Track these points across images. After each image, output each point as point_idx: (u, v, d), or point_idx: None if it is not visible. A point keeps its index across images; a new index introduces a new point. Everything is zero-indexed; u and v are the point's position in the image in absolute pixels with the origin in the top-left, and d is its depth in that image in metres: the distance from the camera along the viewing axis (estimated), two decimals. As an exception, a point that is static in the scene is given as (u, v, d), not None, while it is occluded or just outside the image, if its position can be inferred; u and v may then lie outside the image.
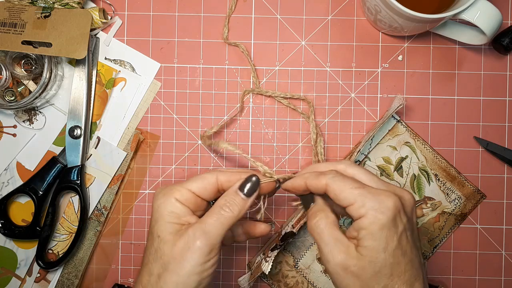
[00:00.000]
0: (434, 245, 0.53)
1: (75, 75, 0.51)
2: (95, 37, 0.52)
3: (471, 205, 0.53)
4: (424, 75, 0.53)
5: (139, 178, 0.53)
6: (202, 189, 0.42)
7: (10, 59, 0.51)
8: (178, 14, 0.53)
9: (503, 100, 0.53)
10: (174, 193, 0.41)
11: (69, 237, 0.52)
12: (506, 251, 0.53)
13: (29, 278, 0.52)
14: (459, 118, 0.53)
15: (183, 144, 0.53)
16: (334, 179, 0.39)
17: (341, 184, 0.38)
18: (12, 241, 0.52)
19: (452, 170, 0.53)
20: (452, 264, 0.53)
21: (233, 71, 0.53)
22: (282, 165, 0.53)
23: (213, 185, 0.42)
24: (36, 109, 0.53)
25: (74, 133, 0.51)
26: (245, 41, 0.53)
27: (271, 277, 0.53)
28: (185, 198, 0.41)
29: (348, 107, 0.53)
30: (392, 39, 0.53)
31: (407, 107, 0.53)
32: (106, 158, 0.52)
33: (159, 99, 0.53)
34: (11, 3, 0.50)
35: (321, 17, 0.53)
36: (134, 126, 0.53)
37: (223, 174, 0.42)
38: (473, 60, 0.53)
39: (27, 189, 0.51)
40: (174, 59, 0.53)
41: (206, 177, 0.42)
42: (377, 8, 0.47)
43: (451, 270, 0.53)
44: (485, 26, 0.45)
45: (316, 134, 0.52)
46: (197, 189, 0.41)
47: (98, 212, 0.52)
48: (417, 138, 0.53)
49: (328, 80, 0.53)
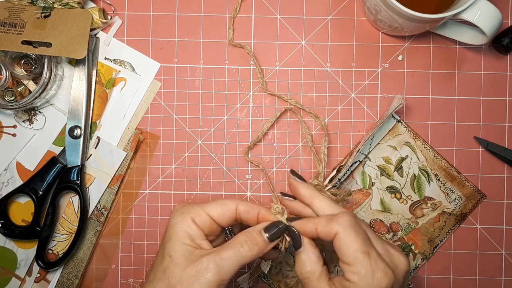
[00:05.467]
0: (434, 245, 0.53)
1: (75, 75, 0.51)
2: (95, 37, 0.52)
3: (471, 205, 0.53)
4: (424, 75, 0.53)
5: (139, 178, 0.53)
6: (221, 215, 0.41)
7: (10, 59, 0.51)
8: (178, 14, 0.53)
9: (503, 100, 0.53)
10: (192, 214, 0.41)
11: (69, 237, 0.52)
12: (506, 251, 0.53)
13: (29, 278, 0.52)
14: (459, 118, 0.53)
15: (183, 144, 0.53)
16: (346, 232, 0.38)
17: (351, 241, 0.38)
18: (12, 241, 0.52)
19: (452, 170, 0.53)
20: (452, 264, 0.53)
21: (233, 71, 0.53)
22: (282, 165, 0.53)
23: (232, 212, 0.42)
24: (36, 109, 0.53)
25: (74, 133, 0.51)
26: (245, 41, 0.53)
27: (271, 277, 0.53)
28: (202, 221, 0.41)
29: (348, 107, 0.53)
30: (392, 39, 0.53)
31: (407, 107, 0.53)
32: (106, 158, 0.52)
33: (159, 99, 0.53)
34: (11, 3, 0.50)
35: (321, 17, 0.53)
36: (134, 126, 0.53)
37: (243, 205, 0.42)
38: (473, 60, 0.53)
39: (27, 189, 0.51)
40: (174, 59, 0.53)
41: (226, 204, 0.42)
42: (377, 8, 0.47)
43: (451, 270, 0.53)
44: (485, 26, 0.45)
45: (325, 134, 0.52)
46: (216, 214, 0.41)
47: (98, 212, 0.52)
48: (417, 138, 0.53)
49: (328, 80, 0.53)
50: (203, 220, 0.41)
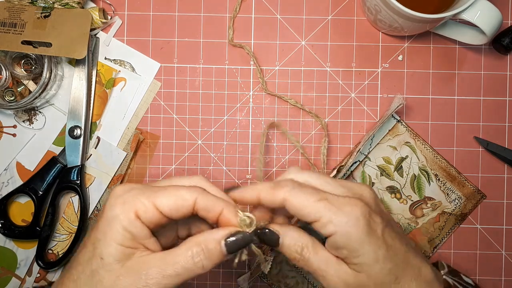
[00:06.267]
0: (434, 245, 0.53)
1: (75, 75, 0.51)
2: (95, 37, 0.52)
3: (471, 205, 0.53)
4: (424, 75, 0.53)
5: (139, 178, 0.53)
6: (174, 210, 0.33)
7: (10, 59, 0.51)
8: (178, 14, 0.53)
9: (503, 100, 0.53)
10: (137, 206, 0.33)
11: (69, 237, 0.52)
12: (506, 251, 0.53)
13: (29, 278, 0.52)
14: (459, 118, 0.53)
15: (183, 144, 0.53)
16: (293, 192, 0.34)
17: (302, 198, 0.34)
18: (12, 241, 0.52)
19: (452, 170, 0.53)
20: (452, 264, 0.53)
21: (233, 71, 0.53)
22: (282, 165, 0.53)
23: (189, 207, 0.34)
24: (36, 109, 0.53)
25: (74, 133, 0.51)
26: (245, 41, 0.53)
27: (271, 277, 0.53)
28: (149, 216, 0.33)
29: (348, 107, 0.53)
30: (392, 39, 0.53)
31: (407, 107, 0.53)
32: (106, 158, 0.52)
33: (159, 99, 0.53)
34: (11, 3, 0.50)
35: (321, 17, 0.53)
36: (134, 126, 0.53)
37: (204, 199, 0.34)
38: (473, 60, 0.53)
39: (27, 189, 0.51)
40: (174, 59, 0.53)
41: (182, 195, 0.34)
42: (377, 8, 0.47)
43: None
44: (485, 26, 0.45)
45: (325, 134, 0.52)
46: (167, 208, 0.33)
47: (98, 212, 0.52)
48: (417, 138, 0.53)
49: (328, 80, 0.53)
50: (150, 215, 0.33)
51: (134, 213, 0.33)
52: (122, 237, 0.32)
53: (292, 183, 0.35)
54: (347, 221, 0.33)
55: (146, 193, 0.34)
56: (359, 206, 0.34)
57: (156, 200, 0.33)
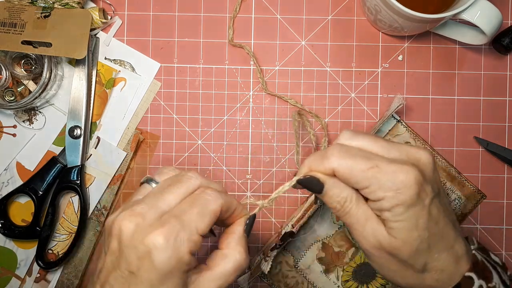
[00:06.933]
0: (434, 245, 0.53)
1: (75, 75, 0.51)
2: (95, 37, 0.52)
3: (471, 205, 0.53)
4: (424, 75, 0.53)
5: (139, 178, 0.53)
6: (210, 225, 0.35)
7: (10, 59, 0.51)
8: (178, 14, 0.53)
9: (503, 100, 0.53)
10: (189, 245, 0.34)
11: (69, 237, 0.52)
12: (506, 251, 0.53)
13: (29, 278, 0.52)
14: (459, 118, 0.53)
15: (183, 144, 0.53)
16: (341, 162, 0.34)
17: (350, 167, 0.34)
18: (12, 241, 0.52)
19: (452, 170, 0.53)
20: (452, 264, 0.53)
21: (233, 71, 0.53)
22: (282, 165, 0.53)
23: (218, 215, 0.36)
24: (36, 109, 0.53)
25: (74, 133, 0.51)
26: (245, 41, 0.53)
27: (271, 277, 0.53)
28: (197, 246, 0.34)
29: (348, 107, 0.53)
30: (392, 39, 0.53)
31: (407, 107, 0.53)
32: (106, 158, 0.52)
33: (159, 99, 0.53)
34: (11, 3, 0.50)
35: (321, 17, 0.53)
36: (134, 126, 0.53)
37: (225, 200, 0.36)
38: (473, 60, 0.53)
39: (27, 189, 0.51)
40: (174, 59, 0.53)
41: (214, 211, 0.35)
42: (377, 8, 0.47)
43: (451, 270, 0.53)
44: (485, 26, 0.45)
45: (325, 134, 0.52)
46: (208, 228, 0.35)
47: (98, 212, 0.52)
48: (417, 138, 0.53)
49: (328, 80, 0.53)
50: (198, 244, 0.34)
51: (188, 252, 0.33)
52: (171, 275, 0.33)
53: (339, 151, 0.35)
54: (398, 188, 0.33)
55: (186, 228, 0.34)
56: (412, 174, 0.34)
57: (200, 227, 0.34)
